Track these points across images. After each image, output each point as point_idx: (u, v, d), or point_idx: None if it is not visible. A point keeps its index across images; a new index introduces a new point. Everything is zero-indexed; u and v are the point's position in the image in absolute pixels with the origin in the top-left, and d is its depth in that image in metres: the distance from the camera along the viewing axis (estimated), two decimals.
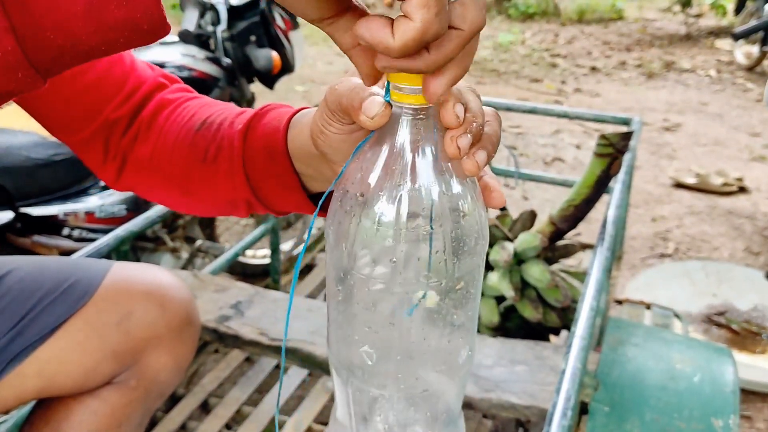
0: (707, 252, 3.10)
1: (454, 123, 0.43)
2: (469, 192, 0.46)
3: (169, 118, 0.70)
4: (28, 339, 0.81)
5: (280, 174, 0.62)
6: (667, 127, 4.68)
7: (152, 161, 0.70)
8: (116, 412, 0.86)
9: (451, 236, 0.45)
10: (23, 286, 0.83)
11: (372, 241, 0.45)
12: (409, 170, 0.44)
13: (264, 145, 0.62)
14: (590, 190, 1.47)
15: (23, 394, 0.83)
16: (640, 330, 1.26)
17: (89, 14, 0.34)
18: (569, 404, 0.89)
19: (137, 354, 0.86)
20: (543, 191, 3.48)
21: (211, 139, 0.66)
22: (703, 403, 1.04)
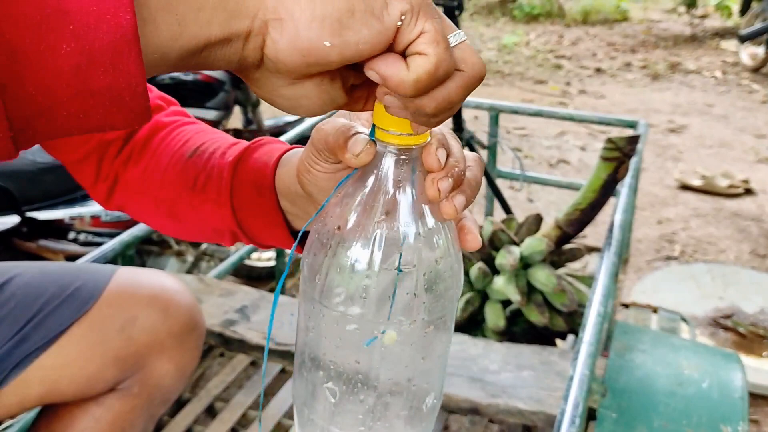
0: (713, 254, 3.09)
1: (436, 166, 0.44)
2: (445, 235, 0.46)
3: (162, 142, 0.70)
4: (32, 345, 0.80)
5: (265, 210, 0.63)
6: (673, 129, 4.67)
7: (143, 183, 0.70)
8: (119, 419, 0.86)
9: (424, 278, 0.45)
10: (27, 291, 0.83)
11: (344, 276, 0.45)
12: (387, 209, 0.44)
13: (252, 179, 0.63)
14: (597, 195, 1.47)
15: (26, 401, 0.83)
16: (648, 335, 1.26)
17: (75, 75, 0.33)
18: (577, 411, 0.88)
19: (140, 360, 0.86)
20: (548, 193, 3.47)
21: (202, 168, 0.66)
22: (711, 409, 1.04)
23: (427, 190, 0.45)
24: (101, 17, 0.33)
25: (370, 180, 0.45)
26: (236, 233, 0.66)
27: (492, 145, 2.28)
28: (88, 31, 0.33)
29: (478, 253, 1.63)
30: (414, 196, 0.45)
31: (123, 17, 0.33)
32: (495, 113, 2.22)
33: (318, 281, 0.46)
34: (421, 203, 0.45)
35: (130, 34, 0.33)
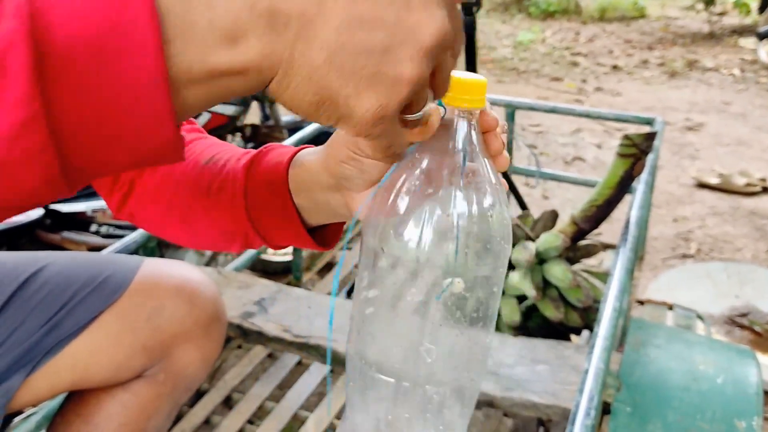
0: (730, 253, 3.08)
1: (496, 125, 0.52)
2: (501, 191, 0.52)
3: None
4: (63, 332, 0.82)
5: (279, 207, 0.65)
6: (690, 127, 4.64)
7: (158, 191, 0.72)
8: (145, 405, 0.88)
9: (488, 229, 0.50)
10: (59, 280, 0.85)
11: (409, 231, 0.49)
12: (461, 164, 0.50)
13: (265, 179, 0.65)
14: (613, 191, 1.47)
15: (57, 386, 0.85)
16: (663, 331, 1.26)
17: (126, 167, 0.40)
18: (592, 404, 0.89)
19: (166, 348, 0.88)
20: (564, 190, 3.47)
21: (217, 173, 0.69)
22: (726, 405, 1.04)
23: (491, 143, 0.52)
24: (150, 137, 0.38)
25: (444, 141, 0.50)
26: (249, 235, 0.68)
27: (508, 141, 2.28)
28: (140, 146, 0.38)
29: None
30: (476, 155, 0.51)
31: (166, 131, 0.38)
32: (511, 110, 2.23)
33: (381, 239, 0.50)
34: (482, 162, 0.51)
35: (172, 143, 0.39)
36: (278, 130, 2.35)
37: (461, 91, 0.49)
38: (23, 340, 0.81)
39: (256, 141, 2.35)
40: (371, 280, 0.51)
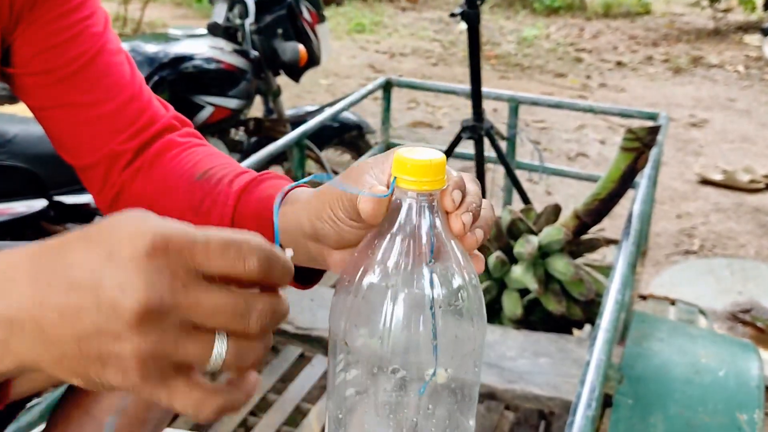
0: (733, 249, 3.07)
1: (451, 207, 0.49)
2: (468, 273, 0.49)
3: (173, 160, 0.72)
4: None
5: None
6: (694, 123, 4.63)
7: (149, 198, 0.72)
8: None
9: (455, 314, 0.48)
10: None
11: (378, 324, 0.47)
12: (416, 251, 0.48)
13: (254, 210, 0.65)
14: (616, 185, 1.47)
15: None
16: (665, 325, 1.26)
17: None
18: (593, 395, 0.89)
19: None
20: (567, 186, 3.46)
21: (209, 192, 0.68)
22: (727, 398, 1.04)
23: (451, 225, 0.48)
24: None
25: (397, 226, 0.48)
26: None
27: (511, 136, 2.29)
28: None
29: (496, 242, 1.64)
30: (439, 238, 0.48)
31: None
32: (515, 104, 2.22)
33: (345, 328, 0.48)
34: (446, 243, 0.48)
35: None
36: (281, 124, 2.35)
37: (418, 174, 0.47)
38: None
39: (259, 134, 2.35)
40: (344, 378, 0.50)
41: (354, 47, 6.25)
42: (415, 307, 0.46)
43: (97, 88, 0.72)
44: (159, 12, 6.63)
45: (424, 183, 0.47)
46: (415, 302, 0.47)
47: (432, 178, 0.47)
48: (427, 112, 4.66)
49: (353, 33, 6.71)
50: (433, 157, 0.48)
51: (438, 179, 0.48)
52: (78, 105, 0.72)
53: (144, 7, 5.76)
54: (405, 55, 6.19)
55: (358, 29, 6.82)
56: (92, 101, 0.71)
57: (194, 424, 1.49)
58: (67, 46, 0.71)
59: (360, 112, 2.92)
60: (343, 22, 6.95)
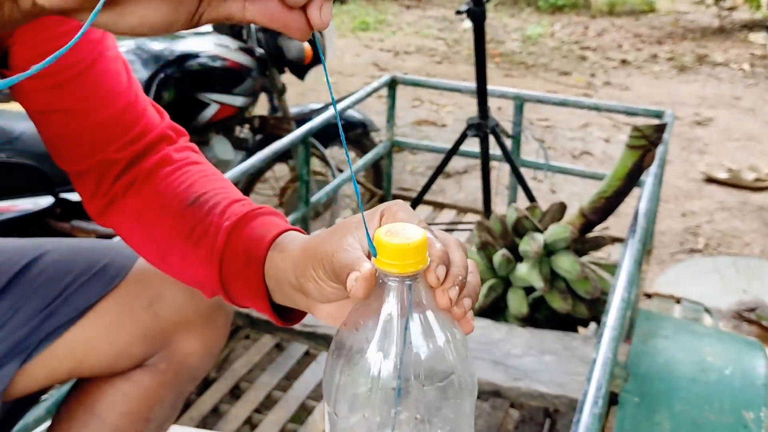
0: (738, 248, 3.07)
1: (435, 284, 0.49)
2: (455, 344, 0.50)
3: (166, 178, 0.73)
4: (60, 319, 0.82)
5: (250, 281, 0.65)
6: (699, 122, 4.62)
7: (139, 216, 0.73)
8: (147, 395, 0.87)
9: (441, 389, 0.49)
10: (57, 267, 0.84)
11: (365, 401, 0.48)
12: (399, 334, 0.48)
13: (244, 249, 0.66)
14: (622, 182, 1.47)
15: (55, 374, 0.84)
16: (671, 323, 1.26)
17: None
18: (600, 393, 0.89)
19: (167, 337, 0.86)
20: (571, 184, 3.46)
21: (200, 220, 0.69)
22: (733, 396, 1.04)
23: (438, 301, 0.49)
24: None
25: (380, 306, 0.49)
26: (217, 291, 0.69)
27: (516, 134, 2.28)
28: None
29: (501, 240, 1.64)
30: (425, 315, 0.49)
31: None
32: (520, 102, 2.22)
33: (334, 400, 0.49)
34: (431, 319, 0.49)
35: None
36: (286, 122, 2.35)
37: (398, 257, 0.47)
38: (20, 326, 0.80)
39: (264, 132, 2.35)
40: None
41: (358, 45, 6.24)
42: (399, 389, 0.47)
43: (94, 96, 0.73)
44: None
45: (406, 266, 0.48)
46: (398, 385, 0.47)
47: (413, 260, 0.47)
48: (431, 110, 4.66)
49: (357, 31, 6.71)
50: (413, 238, 0.47)
51: (419, 260, 0.48)
52: (74, 111, 0.72)
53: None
54: (409, 53, 6.18)
55: (363, 27, 6.81)
56: (88, 108, 0.72)
57: (199, 421, 1.49)
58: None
59: (364, 110, 2.92)
60: (348, 20, 6.95)
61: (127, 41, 2.16)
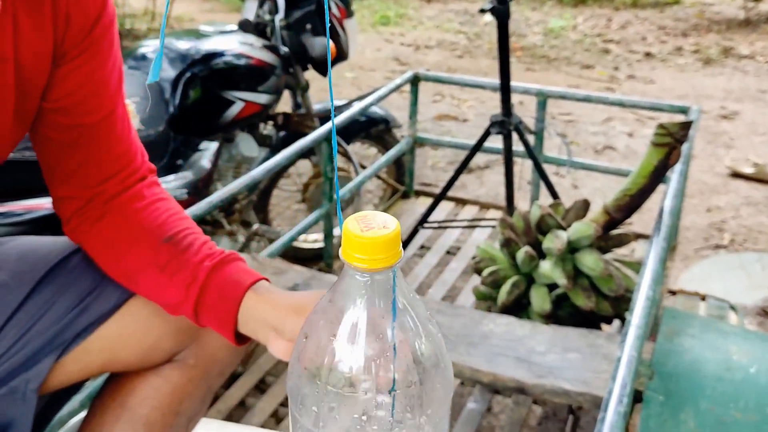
0: (764, 244, 3.03)
1: None
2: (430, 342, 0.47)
3: (139, 214, 0.84)
4: (93, 315, 0.85)
5: (223, 314, 0.79)
6: (725, 116, 4.56)
7: (110, 242, 0.83)
8: (177, 389, 0.89)
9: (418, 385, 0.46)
10: (89, 264, 0.87)
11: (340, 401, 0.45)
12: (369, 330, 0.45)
13: (221, 288, 0.79)
14: (646, 180, 1.47)
15: (88, 368, 0.87)
16: (696, 321, 1.26)
17: None
18: (625, 391, 0.90)
19: (196, 332, 0.89)
20: (593, 180, 3.44)
21: (174, 256, 0.81)
22: (759, 394, 1.04)
23: None
24: None
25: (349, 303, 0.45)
26: (184, 313, 0.82)
27: (539, 130, 2.28)
28: None
29: (525, 237, 1.64)
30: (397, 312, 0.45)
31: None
32: (543, 98, 2.22)
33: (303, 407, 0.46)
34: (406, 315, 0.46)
35: None
36: (309, 119, 2.37)
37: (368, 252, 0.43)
38: (54, 322, 0.83)
39: (287, 129, 2.37)
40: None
41: (379, 40, 6.24)
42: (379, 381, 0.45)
43: (101, 139, 0.83)
44: (187, 6, 6.69)
45: (377, 261, 0.43)
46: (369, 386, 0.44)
47: (385, 254, 0.43)
48: (452, 104, 4.65)
49: (378, 26, 6.70)
50: (385, 230, 0.43)
51: (392, 254, 0.43)
52: (82, 146, 0.82)
53: (172, 1, 5.81)
54: (430, 47, 6.17)
55: (383, 22, 6.81)
56: (95, 147, 0.82)
57: (226, 414, 1.52)
58: (92, 97, 0.81)
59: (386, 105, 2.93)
60: (368, 15, 6.95)
61: (153, 41, 2.18)
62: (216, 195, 1.47)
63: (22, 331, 0.84)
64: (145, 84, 1.82)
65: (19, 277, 0.86)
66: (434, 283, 2.11)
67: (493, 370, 1.25)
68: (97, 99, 0.82)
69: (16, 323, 0.84)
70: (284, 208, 2.84)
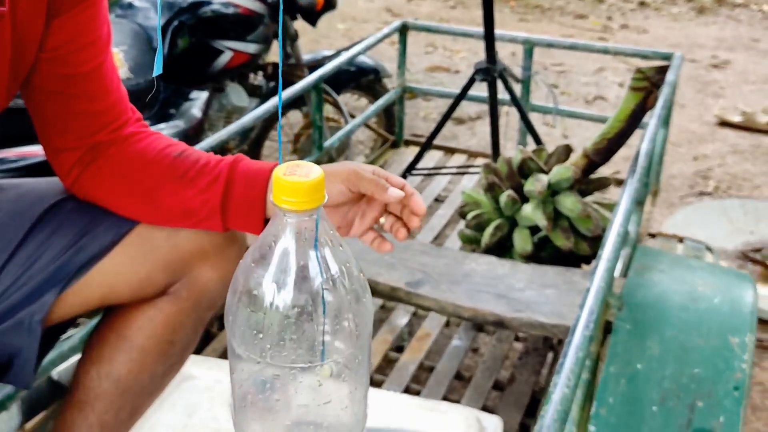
0: (748, 191, 3.09)
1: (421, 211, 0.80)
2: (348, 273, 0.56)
3: (142, 142, 0.89)
4: (90, 252, 0.90)
5: (253, 199, 0.82)
6: (716, 65, 4.57)
7: (123, 167, 0.87)
8: (170, 320, 0.95)
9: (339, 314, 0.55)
10: (84, 204, 0.92)
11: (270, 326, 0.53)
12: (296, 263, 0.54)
13: (247, 175, 0.83)
14: (624, 124, 1.51)
15: (88, 302, 0.93)
16: (667, 257, 1.32)
17: None
18: (592, 318, 0.96)
19: (186, 267, 0.94)
20: (584, 129, 3.47)
21: (191, 165, 0.85)
22: (721, 322, 1.10)
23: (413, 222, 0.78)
24: None
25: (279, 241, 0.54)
26: (209, 217, 0.85)
27: (526, 78, 2.31)
28: None
29: (508, 181, 1.69)
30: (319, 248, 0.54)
31: None
32: (529, 47, 2.24)
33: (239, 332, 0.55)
34: (328, 253, 0.54)
35: None
36: (299, 69, 2.39)
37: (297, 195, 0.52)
38: (52, 259, 0.88)
39: (277, 79, 2.39)
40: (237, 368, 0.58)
41: None
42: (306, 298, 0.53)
43: (95, 89, 0.87)
44: None
45: (303, 203, 0.51)
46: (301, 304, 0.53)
47: (310, 198, 0.51)
48: (444, 56, 4.64)
49: None
50: (310, 176, 0.51)
51: (317, 197, 0.51)
52: (76, 96, 0.85)
53: None
54: None
55: None
56: (89, 97, 0.86)
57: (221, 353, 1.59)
58: (86, 48, 0.85)
59: (377, 56, 2.94)
60: None
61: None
62: (206, 142, 1.51)
63: (24, 267, 0.89)
64: (132, 32, 1.84)
65: (18, 217, 0.91)
66: (422, 229, 2.17)
67: (474, 306, 1.32)
68: (91, 48, 0.85)
69: (17, 260, 0.89)
70: (275, 160, 2.87)
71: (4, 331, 0.87)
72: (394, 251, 1.49)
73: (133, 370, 0.94)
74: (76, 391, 0.95)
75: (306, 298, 0.53)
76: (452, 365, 1.56)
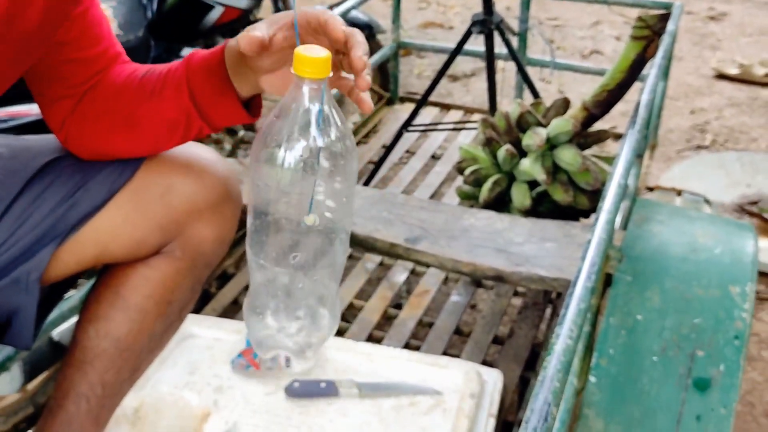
0: (745, 143, 3.08)
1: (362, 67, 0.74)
2: (345, 131, 0.72)
3: (114, 71, 0.88)
4: (83, 209, 0.89)
5: (218, 81, 0.81)
6: (713, 17, 4.51)
7: (98, 104, 0.86)
8: (166, 279, 0.94)
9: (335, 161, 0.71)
10: (78, 161, 0.91)
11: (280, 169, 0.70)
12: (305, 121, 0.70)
13: (203, 64, 0.82)
14: (624, 74, 1.49)
15: (83, 260, 0.92)
16: (666, 209, 1.31)
17: None
18: (593, 269, 0.95)
19: (180, 226, 0.93)
20: (580, 84, 3.44)
21: (157, 78, 0.84)
22: (721, 272, 1.10)
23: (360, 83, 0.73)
24: None
25: (294, 105, 0.70)
26: (190, 117, 0.83)
27: (523, 31, 2.27)
28: None
29: (506, 135, 1.67)
30: (326, 110, 0.70)
31: None
32: None
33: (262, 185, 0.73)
34: (334, 113, 0.71)
35: None
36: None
37: (311, 66, 0.68)
38: (46, 215, 0.88)
39: None
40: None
41: None
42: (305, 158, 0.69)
43: (85, 35, 0.85)
44: None
45: (317, 72, 0.69)
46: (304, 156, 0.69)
47: (324, 68, 0.69)
48: (438, 12, 4.57)
49: None
50: (322, 54, 0.69)
51: (327, 68, 0.69)
52: (67, 44, 0.83)
53: None
54: None
55: None
56: (79, 45, 0.84)
57: (220, 312, 1.59)
58: None
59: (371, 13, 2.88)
60: None
61: None
62: None
63: (18, 223, 0.88)
64: None
65: (12, 175, 0.89)
66: (419, 186, 2.15)
67: (473, 260, 1.31)
68: None
69: (11, 216, 0.88)
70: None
71: (2, 289, 0.87)
72: (391, 208, 1.48)
73: (132, 330, 0.94)
74: (75, 351, 0.95)
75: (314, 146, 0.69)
76: (451, 321, 1.56)
